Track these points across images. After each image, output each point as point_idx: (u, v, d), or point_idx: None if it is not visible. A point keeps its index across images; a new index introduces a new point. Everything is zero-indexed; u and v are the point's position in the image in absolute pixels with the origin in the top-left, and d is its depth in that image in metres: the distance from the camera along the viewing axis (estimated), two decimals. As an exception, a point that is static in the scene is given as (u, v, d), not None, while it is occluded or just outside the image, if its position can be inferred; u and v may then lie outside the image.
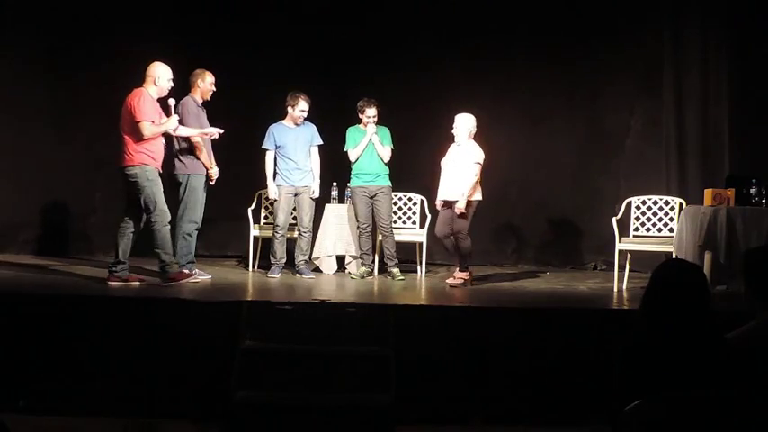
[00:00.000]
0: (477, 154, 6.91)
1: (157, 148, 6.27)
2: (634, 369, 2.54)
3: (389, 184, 7.38)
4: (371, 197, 7.32)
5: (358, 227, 7.39)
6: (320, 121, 7.51)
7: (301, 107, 7.21)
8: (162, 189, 6.25)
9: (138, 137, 6.12)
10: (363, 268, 7.37)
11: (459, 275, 6.95)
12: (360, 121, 7.35)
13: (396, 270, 7.27)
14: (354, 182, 7.38)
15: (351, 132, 7.38)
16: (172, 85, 6.38)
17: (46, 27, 8.45)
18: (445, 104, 7.43)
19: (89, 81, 8.50)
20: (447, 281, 7.11)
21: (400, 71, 8.42)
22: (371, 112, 7.24)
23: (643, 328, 2.64)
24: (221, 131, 6.60)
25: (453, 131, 7.01)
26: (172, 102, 6.33)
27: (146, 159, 6.17)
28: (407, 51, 8.49)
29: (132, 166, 6.15)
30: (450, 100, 7.50)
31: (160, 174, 6.30)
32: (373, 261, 7.48)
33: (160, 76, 6.30)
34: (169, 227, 6.27)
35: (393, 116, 7.51)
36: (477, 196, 6.95)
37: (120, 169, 6.23)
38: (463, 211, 6.81)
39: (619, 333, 5.19)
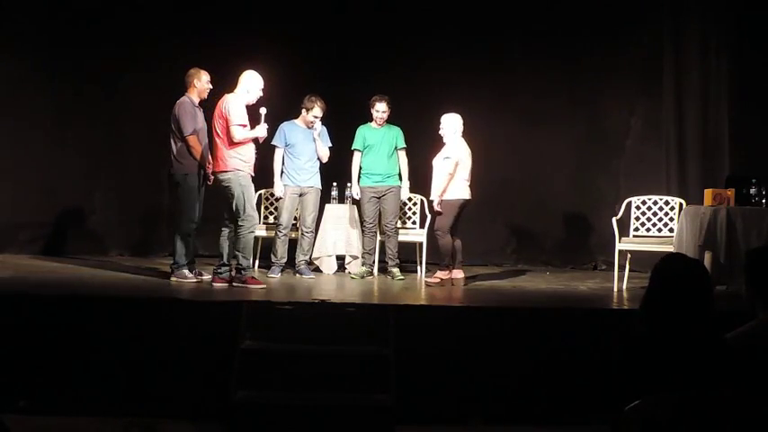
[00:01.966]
0: (452, 150, 6.87)
1: (249, 154, 6.39)
2: (634, 367, 2.54)
3: (399, 184, 7.37)
4: (380, 197, 7.32)
5: (363, 226, 7.38)
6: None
7: (315, 113, 7.23)
8: (253, 194, 6.43)
9: (229, 140, 6.25)
10: (364, 268, 7.37)
11: (438, 275, 6.94)
12: (372, 118, 7.35)
13: (396, 270, 7.27)
14: (363, 181, 7.36)
15: (360, 131, 7.38)
16: (261, 94, 6.46)
17: (46, 28, 8.46)
18: (445, 104, 7.41)
19: (89, 81, 8.52)
20: (426, 279, 7.10)
21: (400, 71, 8.43)
22: (381, 107, 7.25)
23: (644, 326, 2.63)
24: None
25: (440, 132, 7.01)
26: (263, 110, 6.41)
27: (238, 165, 6.30)
28: (407, 51, 8.50)
29: (225, 171, 6.30)
30: (451, 100, 7.50)
31: (253, 178, 6.44)
32: (374, 261, 7.47)
33: (253, 85, 6.43)
34: (255, 233, 6.45)
35: (393, 116, 7.50)
36: (460, 195, 6.89)
37: (213, 174, 6.43)
38: (436, 208, 6.80)
39: (619, 333, 5.21)
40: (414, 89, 8.41)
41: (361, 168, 7.38)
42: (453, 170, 6.82)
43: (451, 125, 6.96)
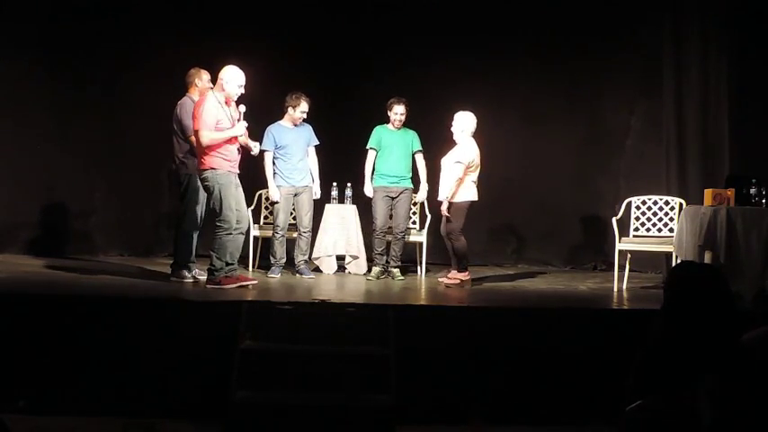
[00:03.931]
0: (462, 153, 6.85)
1: (230, 151, 6.22)
2: (654, 370, 2.52)
3: (411, 187, 7.36)
4: (393, 198, 7.30)
5: (374, 228, 7.33)
6: (320, 120, 7.51)
7: (302, 108, 7.21)
8: (234, 194, 6.20)
9: (198, 144, 6.14)
10: (377, 269, 7.32)
11: (455, 276, 6.94)
12: (388, 120, 7.34)
13: (396, 270, 7.27)
14: (377, 181, 7.32)
15: (376, 131, 7.37)
16: (242, 91, 6.30)
17: (46, 27, 8.45)
18: (445, 104, 7.43)
19: (89, 81, 8.52)
20: (440, 279, 7.10)
21: (401, 70, 8.42)
22: (399, 109, 7.24)
23: (664, 330, 2.61)
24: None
25: (452, 129, 7.01)
26: (242, 108, 6.28)
27: (216, 163, 6.14)
28: (408, 50, 8.49)
29: (204, 170, 6.16)
30: (451, 99, 7.50)
31: (239, 176, 6.32)
32: (386, 261, 7.39)
33: (229, 80, 6.23)
34: (233, 234, 6.22)
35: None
36: (469, 197, 6.89)
37: (197, 173, 6.29)
38: (445, 213, 6.80)
39: (618, 333, 5.21)
40: (413, 90, 8.39)
41: (374, 169, 7.36)
42: (463, 175, 6.81)
43: (460, 124, 6.95)
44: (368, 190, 7.39)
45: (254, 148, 6.49)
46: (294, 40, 8.48)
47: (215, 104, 6.15)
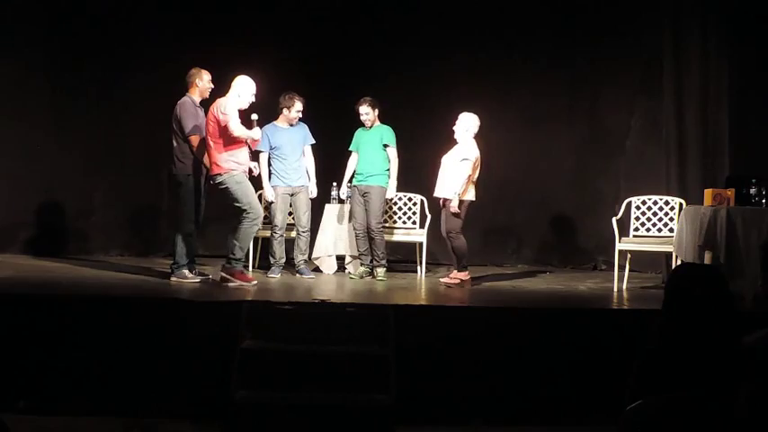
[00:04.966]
0: (467, 151, 6.87)
1: (243, 156, 6.42)
2: (654, 371, 2.52)
3: (381, 184, 7.31)
4: (363, 196, 7.32)
5: (353, 227, 7.39)
6: (319, 121, 7.51)
7: (297, 108, 7.23)
8: (252, 188, 6.47)
9: (225, 141, 6.27)
10: (362, 268, 7.36)
11: (455, 275, 6.94)
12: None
13: (380, 270, 7.26)
14: (353, 181, 7.40)
15: (355, 134, 7.43)
16: (253, 99, 6.46)
17: (46, 28, 8.46)
18: (445, 104, 7.43)
19: (89, 81, 8.52)
20: (441, 279, 7.11)
21: (400, 71, 8.43)
22: (362, 110, 7.26)
23: (664, 330, 2.61)
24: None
25: (454, 128, 7.02)
26: (255, 116, 6.45)
27: (231, 166, 6.35)
28: (407, 51, 8.50)
29: (220, 174, 6.34)
30: (451, 100, 7.51)
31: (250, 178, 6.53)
32: (372, 260, 7.45)
33: (244, 89, 6.43)
34: (258, 226, 6.48)
35: (393, 116, 7.51)
36: (469, 196, 6.91)
37: (212, 178, 6.44)
38: (457, 210, 6.80)
39: (618, 333, 5.22)
40: (413, 90, 8.42)
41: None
42: (472, 172, 6.83)
43: (464, 123, 6.96)
44: (342, 191, 7.49)
45: (256, 132, 6.59)
46: (293, 40, 8.49)
47: (237, 109, 6.37)
